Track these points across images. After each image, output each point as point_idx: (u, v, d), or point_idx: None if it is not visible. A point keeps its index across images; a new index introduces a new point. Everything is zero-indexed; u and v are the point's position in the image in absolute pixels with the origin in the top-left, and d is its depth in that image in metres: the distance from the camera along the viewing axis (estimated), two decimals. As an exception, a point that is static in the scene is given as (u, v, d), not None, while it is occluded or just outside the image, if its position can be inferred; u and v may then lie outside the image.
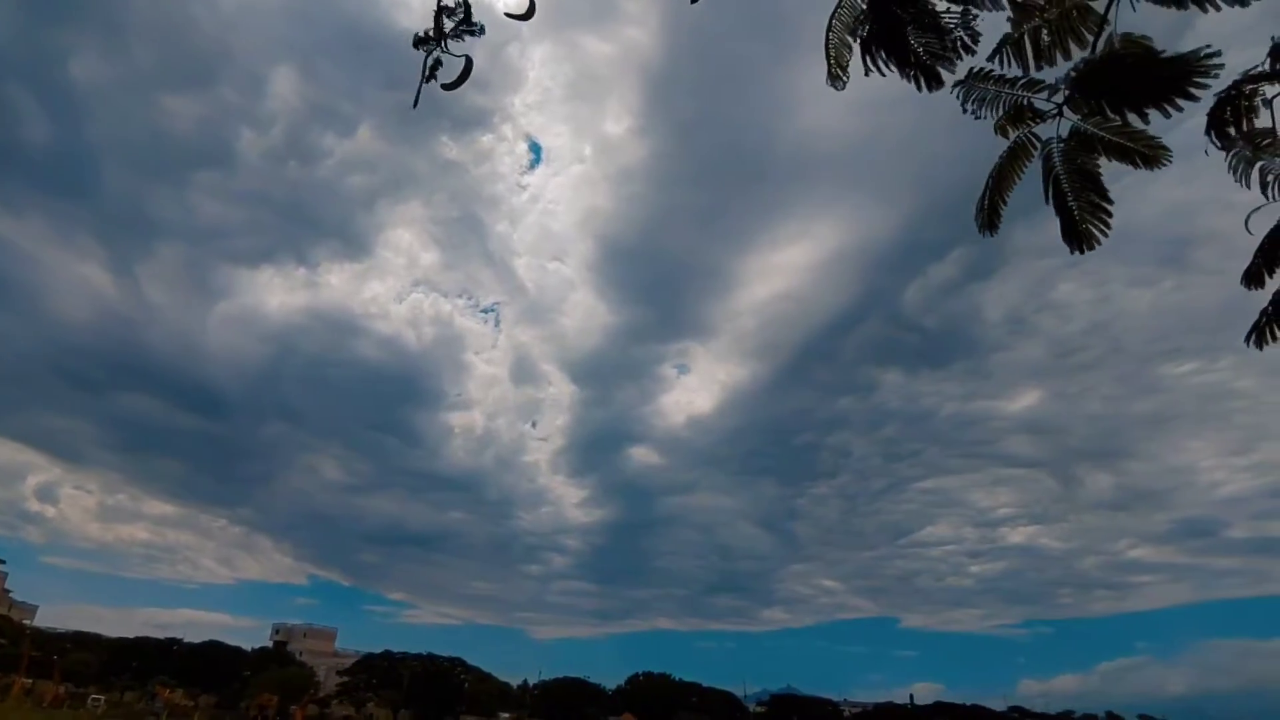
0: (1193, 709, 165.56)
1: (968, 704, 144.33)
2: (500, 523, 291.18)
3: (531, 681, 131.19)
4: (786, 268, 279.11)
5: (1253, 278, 2.57)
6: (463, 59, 2.93)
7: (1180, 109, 2.44)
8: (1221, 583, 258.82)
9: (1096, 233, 2.65)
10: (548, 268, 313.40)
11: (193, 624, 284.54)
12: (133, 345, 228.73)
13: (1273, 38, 2.53)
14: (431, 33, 2.97)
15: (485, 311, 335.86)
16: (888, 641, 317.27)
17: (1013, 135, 2.88)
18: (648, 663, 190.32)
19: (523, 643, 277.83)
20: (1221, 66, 2.53)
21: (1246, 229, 2.51)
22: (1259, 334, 2.53)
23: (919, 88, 2.46)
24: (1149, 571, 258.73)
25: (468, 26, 3.10)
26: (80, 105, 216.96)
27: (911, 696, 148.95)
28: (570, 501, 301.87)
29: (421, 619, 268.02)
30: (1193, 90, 2.50)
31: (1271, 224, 2.49)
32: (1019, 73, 2.70)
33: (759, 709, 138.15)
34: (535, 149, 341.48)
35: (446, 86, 2.77)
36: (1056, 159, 2.66)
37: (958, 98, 2.68)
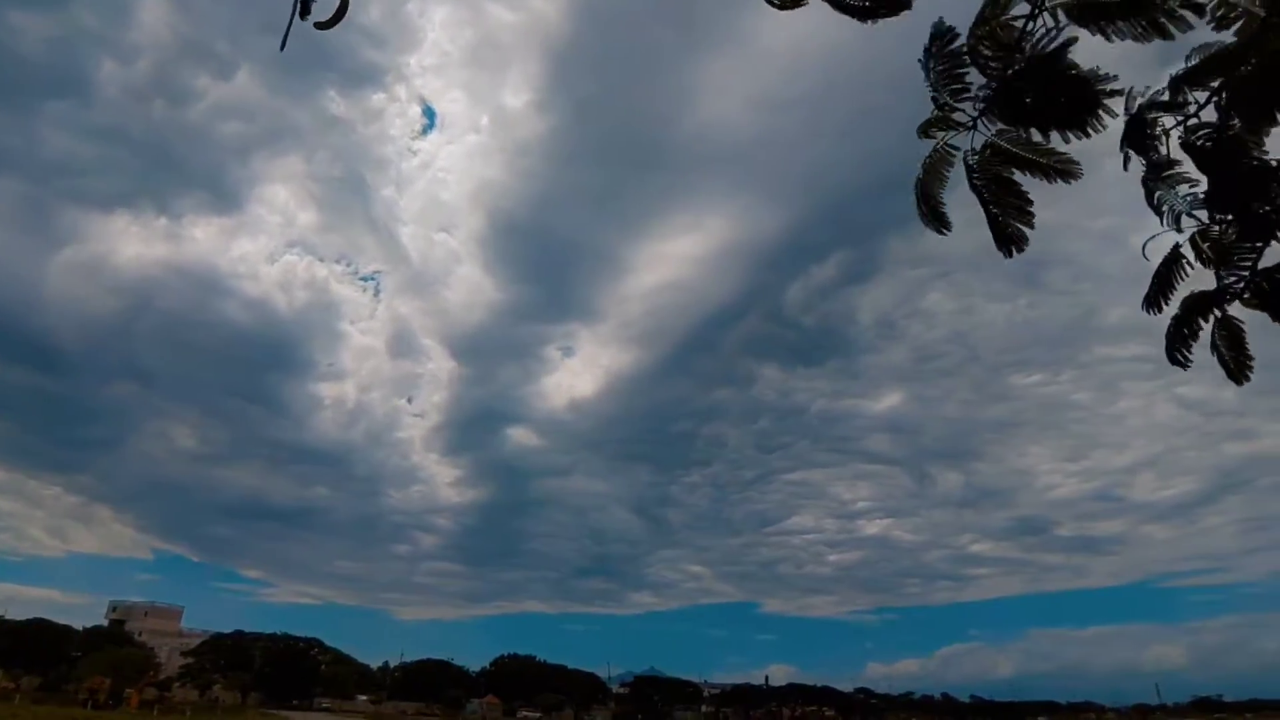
0: (1016, 689, 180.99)
1: (818, 685, 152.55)
2: (368, 500, 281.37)
3: (393, 663, 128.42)
4: (676, 257, 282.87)
5: (1152, 302, 2.70)
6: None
7: (1088, 134, 2.51)
8: (1048, 576, 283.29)
9: (1023, 233, 2.73)
10: (434, 238, 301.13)
11: (15, 600, 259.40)
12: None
13: (1171, 75, 2.65)
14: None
15: (365, 279, 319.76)
16: (749, 625, 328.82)
17: (932, 143, 2.91)
18: (515, 645, 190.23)
19: (386, 624, 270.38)
20: (1120, 92, 2.63)
21: (1144, 255, 2.62)
22: (1174, 354, 2.67)
23: (860, 17, 2.41)
24: (986, 565, 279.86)
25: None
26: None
27: (767, 678, 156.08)
28: (443, 480, 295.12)
29: (278, 598, 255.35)
30: (1100, 114, 2.59)
31: (1167, 249, 2.62)
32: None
33: (621, 690, 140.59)
34: (429, 114, 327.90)
35: (320, 25, 2.48)
36: (975, 169, 2.73)
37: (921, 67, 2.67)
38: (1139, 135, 2.52)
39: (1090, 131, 2.47)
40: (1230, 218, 2.47)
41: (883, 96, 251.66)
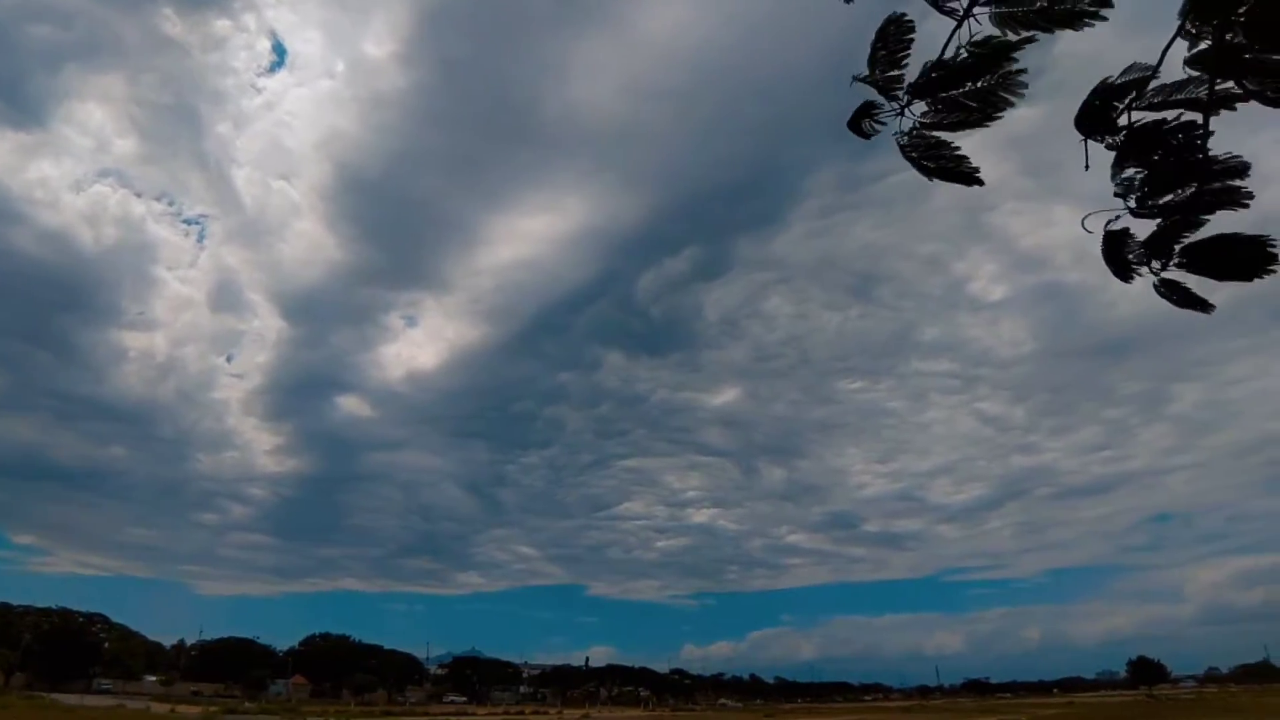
0: (817, 671, 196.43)
1: (636, 666, 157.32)
2: (173, 464, 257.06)
3: (190, 641, 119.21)
4: (533, 235, 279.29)
5: (1123, 273, 3.17)
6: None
7: (1011, 104, 2.97)
8: (852, 568, 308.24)
9: (972, 175, 3.14)
10: (272, 185, 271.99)
11: None
12: None
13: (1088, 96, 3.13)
14: None
15: (189, 222, 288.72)
16: (574, 608, 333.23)
17: (863, 125, 3.27)
18: (330, 624, 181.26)
19: (185, 599, 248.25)
20: (1025, 85, 3.08)
21: (1084, 228, 3.11)
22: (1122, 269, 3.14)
23: None
24: (800, 555, 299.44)
25: None
26: None
27: (587, 659, 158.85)
28: (261, 447, 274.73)
29: (56, 568, 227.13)
30: (1002, 103, 3.04)
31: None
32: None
33: (440, 670, 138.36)
34: (280, 50, 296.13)
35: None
36: (907, 144, 3.12)
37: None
38: (1093, 119, 2.98)
39: (1015, 96, 2.94)
40: (1168, 199, 2.98)
41: (749, 103, 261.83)
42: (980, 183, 3.12)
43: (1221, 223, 2.86)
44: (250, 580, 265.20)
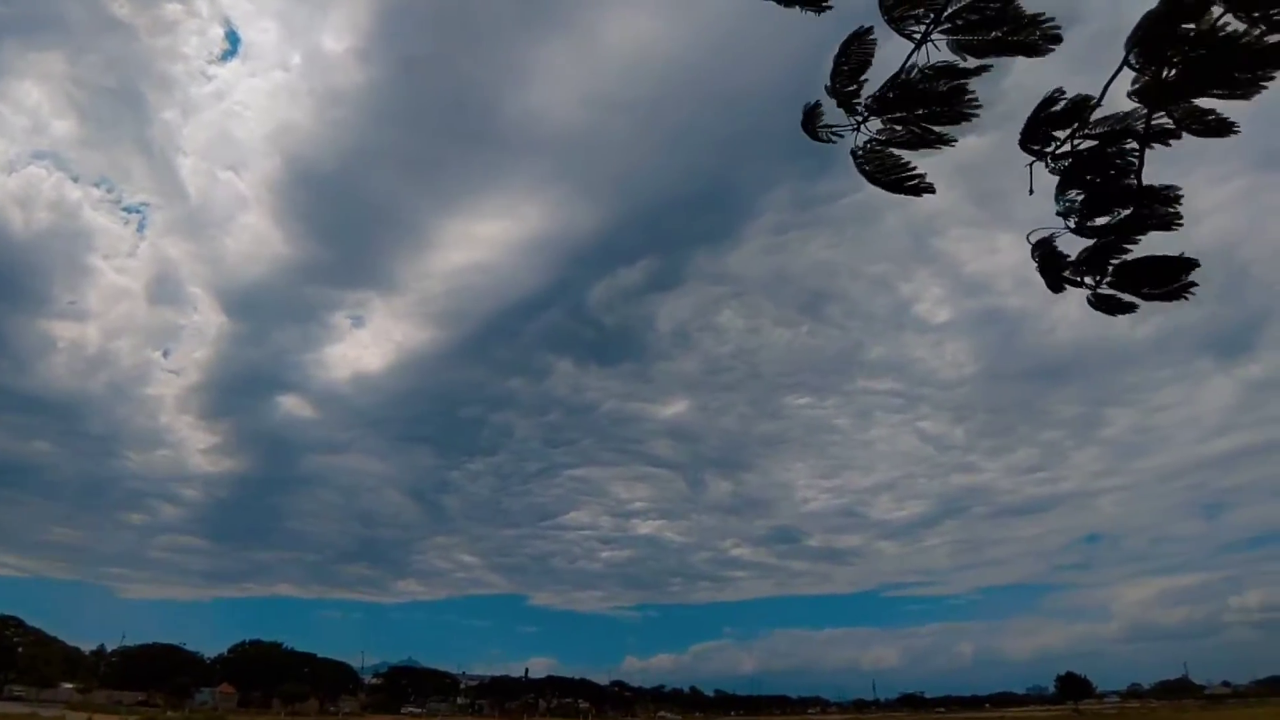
0: (756, 684, 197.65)
1: (576, 677, 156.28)
2: (101, 461, 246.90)
3: (111, 647, 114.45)
4: (487, 240, 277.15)
5: (1056, 287, 3.35)
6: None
7: (961, 124, 3.12)
8: (795, 582, 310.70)
9: (919, 185, 3.28)
10: (219, 176, 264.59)
11: None
12: None
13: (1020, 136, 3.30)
14: None
15: (129, 211, 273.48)
16: (515, 617, 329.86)
17: (817, 130, 3.38)
18: (261, 630, 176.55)
19: (107, 602, 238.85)
20: (977, 112, 3.24)
21: (1028, 240, 3.29)
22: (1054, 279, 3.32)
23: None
24: (744, 568, 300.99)
25: None
26: None
27: (527, 670, 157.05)
28: (196, 446, 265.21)
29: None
30: (955, 126, 3.20)
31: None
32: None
33: (375, 680, 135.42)
34: (233, 39, 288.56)
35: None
36: (861, 157, 3.24)
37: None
38: (1036, 136, 3.14)
39: (965, 120, 3.09)
40: (1104, 220, 3.16)
41: (710, 118, 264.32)
42: (931, 190, 3.25)
43: (1153, 244, 3.07)
44: (179, 584, 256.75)
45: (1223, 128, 2.91)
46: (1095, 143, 3.01)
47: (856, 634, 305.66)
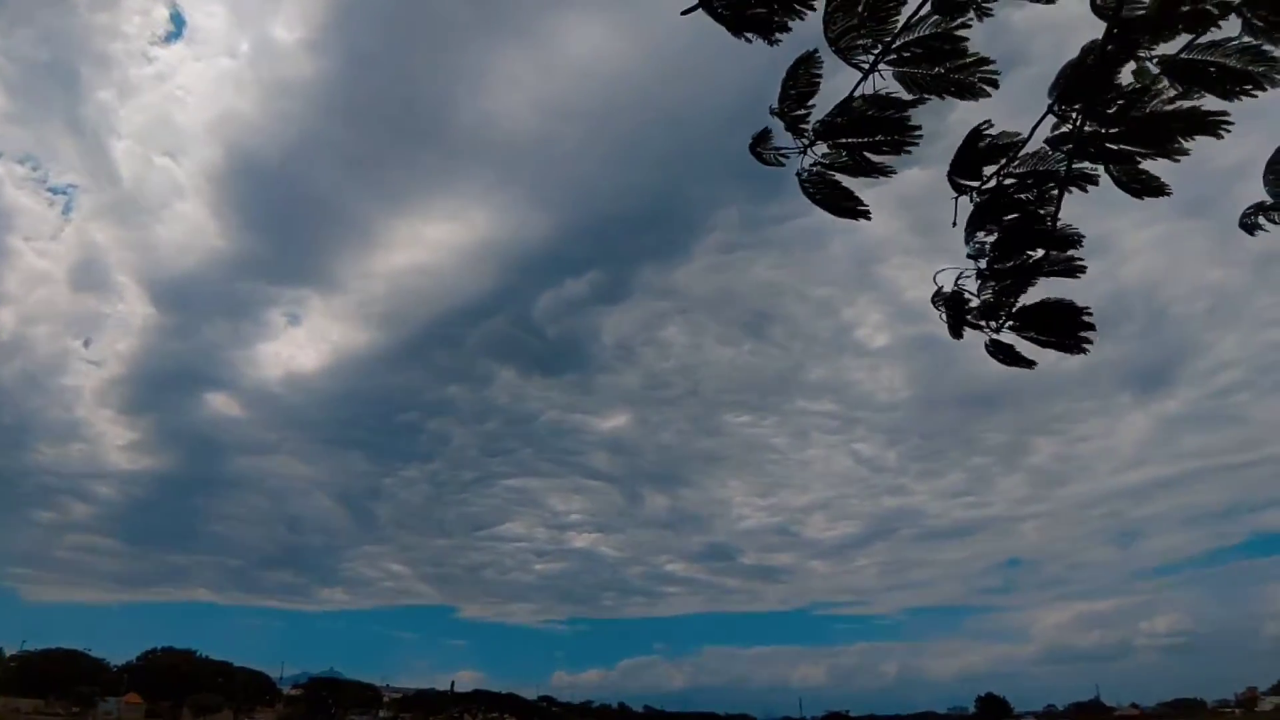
0: (685, 701, 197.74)
1: (504, 692, 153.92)
2: (9, 454, 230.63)
3: (10, 652, 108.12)
4: (433, 242, 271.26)
5: (956, 330, 3.50)
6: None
7: (901, 155, 3.29)
8: (727, 598, 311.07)
9: (855, 210, 3.41)
10: (155, 161, 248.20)
11: None
12: None
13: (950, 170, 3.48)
14: None
15: (55, 191, 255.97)
16: (443, 629, 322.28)
17: (765, 153, 3.52)
18: (175, 637, 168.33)
19: (9, 604, 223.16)
20: (918, 143, 3.41)
21: (934, 281, 3.45)
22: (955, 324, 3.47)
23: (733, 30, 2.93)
24: (678, 584, 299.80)
25: None
26: None
27: (453, 683, 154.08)
28: (114, 442, 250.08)
29: None
30: (896, 155, 3.37)
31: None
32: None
33: (294, 691, 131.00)
34: (178, 20, 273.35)
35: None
36: (806, 180, 3.39)
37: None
38: (965, 169, 3.31)
39: (908, 150, 3.24)
40: (1009, 264, 3.33)
41: (664, 134, 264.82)
42: (867, 215, 3.40)
43: (1070, 291, 3.26)
44: (87, 586, 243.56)
45: (1151, 188, 3.10)
46: (1017, 180, 3.21)
47: (786, 652, 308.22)
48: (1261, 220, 3.49)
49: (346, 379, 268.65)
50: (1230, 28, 2.73)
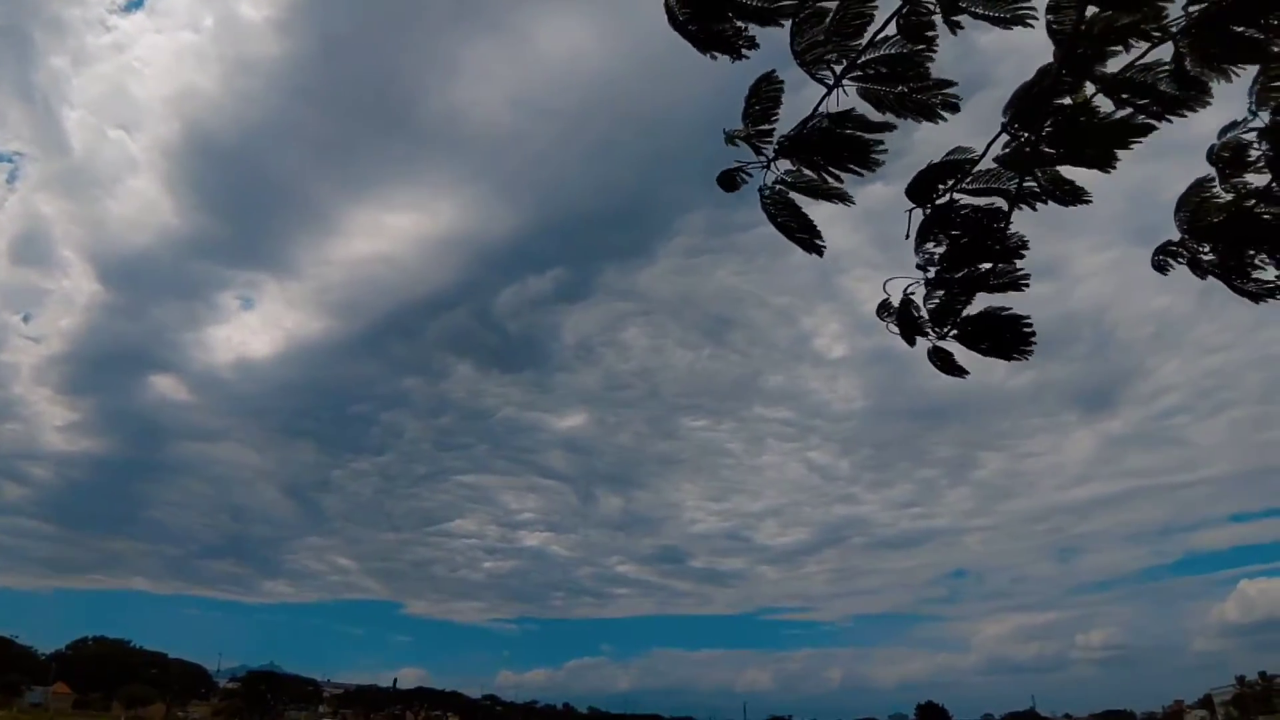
0: (631, 702, 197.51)
1: (448, 690, 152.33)
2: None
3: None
4: (395, 232, 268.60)
5: (909, 337, 3.60)
6: None
7: (861, 174, 3.37)
8: (677, 601, 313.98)
9: (812, 242, 3.48)
10: (109, 134, 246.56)
11: None
12: None
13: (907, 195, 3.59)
14: None
15: (0, 158, 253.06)
16: (388, 625, 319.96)
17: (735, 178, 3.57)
18: (108, 626, 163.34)
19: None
20: (881, 161, 3.50)
21: (884, 290, 3.56)
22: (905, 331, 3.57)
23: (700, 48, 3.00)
24: (628, 585, 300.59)
25: None
26: None
27: (395, 680, 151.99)
28: (52, 423, 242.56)
29: None
30: (858, 172, 3.46)
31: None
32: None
33: (231, 685, 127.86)
34: None
35: None
36: (767, 197, 3.44)
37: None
38: (922, 191, 3.42)
39: (863, 172, 3.32)
40: (960, 274, 3.43)
41: (634, 136, 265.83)
42: (819, 252, 3.48)
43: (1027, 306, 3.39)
44: (16, 571, 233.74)
45: (1074, 196, 3.27)
46: (970, 198, 3.33)
47: (733, 655, 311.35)
48: (1169, 261, 3.69)
49: (299, 367, 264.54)
50: (1166, 54, 2.90)
